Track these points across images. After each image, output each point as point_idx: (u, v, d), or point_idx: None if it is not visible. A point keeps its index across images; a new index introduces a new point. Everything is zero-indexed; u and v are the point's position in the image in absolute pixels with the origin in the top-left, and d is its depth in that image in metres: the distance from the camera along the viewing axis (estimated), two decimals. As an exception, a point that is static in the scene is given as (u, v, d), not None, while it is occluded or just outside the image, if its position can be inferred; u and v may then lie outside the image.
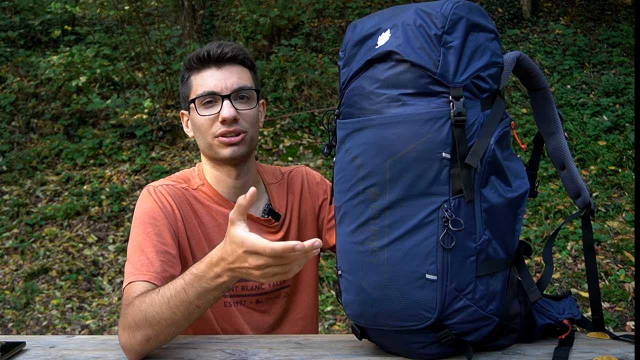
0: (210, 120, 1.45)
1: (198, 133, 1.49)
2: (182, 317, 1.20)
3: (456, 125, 1.06)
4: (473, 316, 1.11)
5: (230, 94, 1.44)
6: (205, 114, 1.45)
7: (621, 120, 5.82)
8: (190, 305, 1.19)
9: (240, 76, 1.48)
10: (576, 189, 1.31)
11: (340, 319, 4.09)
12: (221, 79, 1.45)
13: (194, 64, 1.48)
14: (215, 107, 1.45)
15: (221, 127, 1.44)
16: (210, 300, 1.20)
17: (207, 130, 1.46)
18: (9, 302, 4.62)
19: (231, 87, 1.45)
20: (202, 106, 1.46)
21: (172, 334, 1.23)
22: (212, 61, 1.46)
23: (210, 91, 1.45)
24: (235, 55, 1.47)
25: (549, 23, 7.82)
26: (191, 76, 1.50)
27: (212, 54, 1.46)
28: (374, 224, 1.11)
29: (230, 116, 1.42)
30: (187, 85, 1.50)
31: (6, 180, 6.11)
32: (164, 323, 1.20)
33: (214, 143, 1.46)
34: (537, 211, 4.90)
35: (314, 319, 1.62)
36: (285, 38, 7.69)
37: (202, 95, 1.45)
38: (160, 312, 1.19)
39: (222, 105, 1.44)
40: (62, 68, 6.95)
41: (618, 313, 3.72)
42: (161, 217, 1.41)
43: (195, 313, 1.21)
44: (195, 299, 1.18)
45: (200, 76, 1.47)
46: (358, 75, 1.15)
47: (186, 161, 6.04)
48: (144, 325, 1.20)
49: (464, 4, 1.10)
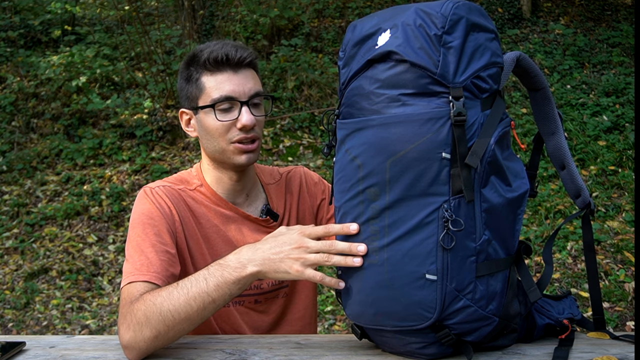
0: (227, 126, 1.42)
1: (209, 137, 1.45)
2: (197, 311, 1.22)
3: (456, 125, 1.06)
4: (473, 316, 1.11)
5: (249, 100, 1.42)
6: (222, 119, 1.42)
7: (621, 120, 5.82)
8: (208, 297, 1.22)
9: (255, 81, 1.46)
10: (576, 189, 1.31)
11: (340, 319, 4.09)
12: (239, 84, 1.42)
13: (210, 65, 1.42)
14: (232, 113, 1.42)
15: (239, 134, 1.42)
16: (226, 295, 1.23)
17: (222, 135, 1.43)
18: (9, 302, 4.62)
19: (249, 93, 1.42)
20: (219, 111, 1.42)
21: (182, 331, 1.23)
22: (230, 65, 1.42)
23: (228, 96, 1.41)
24: (252, 60, 1.45)
25: (549, 23, 7.82)
26: (202, 77, 1.43)
27: (230, 57, 1.41)
28: (373, 224, 1.11)
29: (250, 123, 1.41)
30: (197, 86, 1.45)
31: (6, 180, 6.11)
32: (177, 317, 1.21)
33: (229, 149, 1.43)
34: (537, 211, 4.90)
35: (312, 319, 1.62)
36: (285, 38, 7.69)
37: (219, 99, 1.41)
38: (177, 304, 1.21)
39: (241, 111, 1.41)
40: (62, 68, 6.95)
41: (618, 313, 3.72)
42: (159, 217, 1.40)
43: (210, 308, 1.23)
44: (214, 290, 1.22)
45: (215, 79, 1.42)
46: (358, 75, 1.15)
47: (186, 161, 6.04)
48: (156, 320, 1.21)
49: (463, 4, 1.10)
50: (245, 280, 1.23)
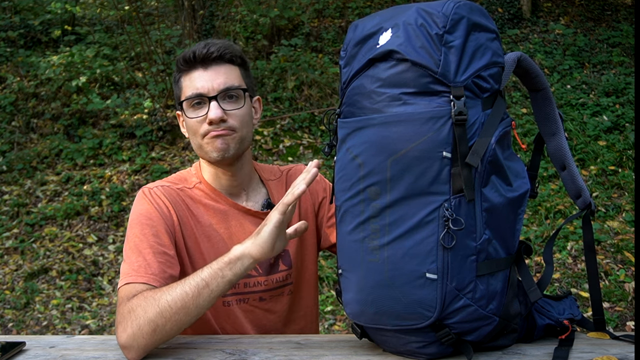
0: (199, 122, 1.45)
1: (190, 134, 1.50)
2: (192, 298, 1.23)
3: (457, 125, 1.06)
4: (473, 315, 1.11)
5: (217, 95, 1.44)
6: (194, 115, 1.46)
7: (621, 120, 5.82)
8: (202, 282, 1.24)
9: (228, 76, 1.46)
10: (576, 189, 1.31)
11: (340, 319, 4.09)
12: (208, 80, 1.45)
13: (182, 65, 1.48)
14: (203, 109, 1.45)
15: (209, 129, 1.44)
16: (218, 278, 1.25)
17: (196, 131, 1.46)
18: (9, 302, 4.62)
19: (218, 88, 1.44)
20: (191, 108, 1.46)
21: (179, 322, 1.23)
22: (199, 62, 1.46)
23: (197, 93, 1.44)
24: (221, 55, 1.46)
25: (549, 23, 7.82)
26: (181, 77, 1.49)
27: (197, 54, 1.45)
28: (374, 222, 1.11)
29: (216, 117, 1.42)
30: (178, 86, 1.51)
31: (6, 180, 6.11)
32: (174, 306, 1.22)
33: (203, 143, 1.46)
34: (537, 211, 4.90)
35: (314, 317, 1.62)
36: (285, 38, 7.69)
37: (190, 97, 1.45)
38: (174, 294, 1.23)
39: (209, 106, 1.44)
40: (62, 68, 6.95)
41: (618, 313, 3.72)
42: (158, 217, 1.41)
43: (204, 294, 1.24)
44: (208, 275, 1.25)
45: (189, 77, 1.47)
46: (359, 74, 1.15)
47: (186, 161, 6.04)
48: (154, 312, 1.21)
49: (465, 3, 1.10)
50: (237, 260, 1.27)
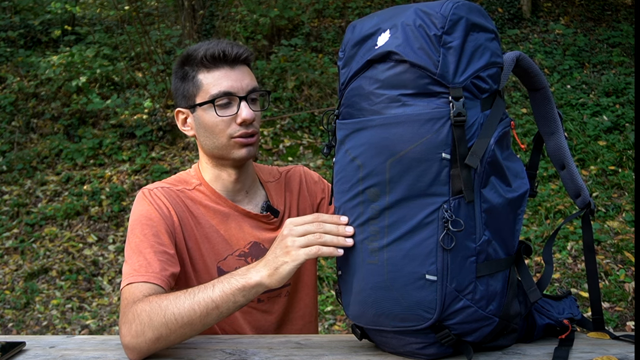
0: (227, 122, 1.43)
1: (208, 133, 1.46)
2: (200, 317, 1.20)
3: (456, 126, 1.06)
4: (473, 316, 1.11)
5: (247, 95, 1.44)
6: (222, 114, 1.43)
7: (621, 120, 5.82)
8: (212, 303, 1.20)
9: (251, 77, 1.48)
10: (576, 189, 1.31)
11: (340, 319, 4.09)
12: (236, 80, 1.44)
13: (207, 61, 1.43)
14: (231, 108, 1.43)
15: (239, 129, 1.43)
16: (230, 303, 1.21)
17: (222, 131, 1.44)
18: (9, 302, 4.62)
19: (246, 88, 1.44)
20: (218, 107, 1.43)
21: (183, 335, 1.23)
22: (227, 61, 1.44)
23: (227, 91, 1.42)
24: (247, 56, 1.47)
25: (549, 23, 7.82)
26: (199, 74, 1.45)
27: (227, 53, 1.43)
28: (373, 224, 1.11)
29: (250, 117, 1.42)
30: (194, 83, 1.45)
31: (6, 180, 6.11)
32: (180, 321, 1.20)
33: (229, 144, 1.45)
34: (537, 211, 4.90)
35: (313, 317, 1.62)
36: (285, 38, 7.69)
37: (218, 95, 1.42)
38: (182, 308, 1.20)
39: (240, 106, 1.43)
40: (62, 68, 6.95)
41: (618, 313, 3.72)
42: (158, 218, 1.41)
43: (213, 315, 1.21)
44: (219, 296, 1.20)
45: (212, 75, 1.44)
46: (358, 75, 1.15)
47: (186, 161, 6.04)
48: (159, 322, 1.20)
49: (463, 4, 1.10)
50: (251, 288, 1.21)
